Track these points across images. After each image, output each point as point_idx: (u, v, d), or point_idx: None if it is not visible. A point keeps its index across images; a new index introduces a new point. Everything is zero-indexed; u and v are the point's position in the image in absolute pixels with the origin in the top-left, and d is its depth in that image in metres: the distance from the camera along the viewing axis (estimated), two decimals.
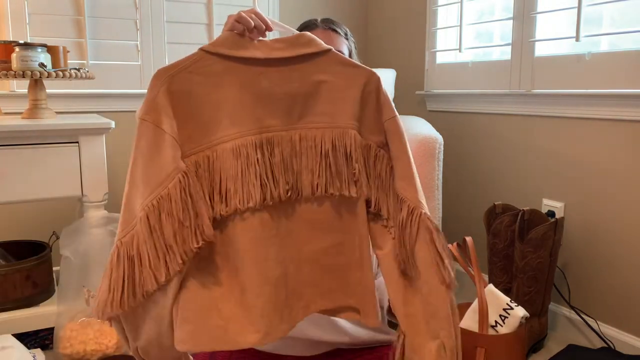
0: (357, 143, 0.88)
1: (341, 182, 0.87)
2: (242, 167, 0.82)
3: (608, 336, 1.70)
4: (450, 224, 2.31)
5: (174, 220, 0.77)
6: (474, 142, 2.17)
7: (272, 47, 0.86)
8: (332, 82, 0.88)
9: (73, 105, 2.11)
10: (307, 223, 0.89)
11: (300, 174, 0.87)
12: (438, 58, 2.33)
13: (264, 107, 0.85)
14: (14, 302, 1.61)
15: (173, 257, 0.77)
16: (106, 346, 1.56)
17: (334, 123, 0.88)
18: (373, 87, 0.89)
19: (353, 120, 0.88)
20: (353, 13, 2.69)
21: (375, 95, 0.89)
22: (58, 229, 1.74)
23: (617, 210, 1.67)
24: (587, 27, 1.70)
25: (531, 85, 1.89)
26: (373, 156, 0.89)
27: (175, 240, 0.77)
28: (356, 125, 0.88)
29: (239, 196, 0.82)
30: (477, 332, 1.37)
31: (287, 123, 0.87)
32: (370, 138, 0.89)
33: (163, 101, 0.80)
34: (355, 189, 0.87)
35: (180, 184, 0.78)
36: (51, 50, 1.65)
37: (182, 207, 0.78)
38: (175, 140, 0.79)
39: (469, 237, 1.49)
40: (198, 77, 0.83)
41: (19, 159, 1.53)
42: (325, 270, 0.90)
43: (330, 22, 1.25)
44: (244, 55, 0.84)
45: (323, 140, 0.87)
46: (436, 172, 1.66)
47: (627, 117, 1.61)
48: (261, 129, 0.85)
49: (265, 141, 0.85)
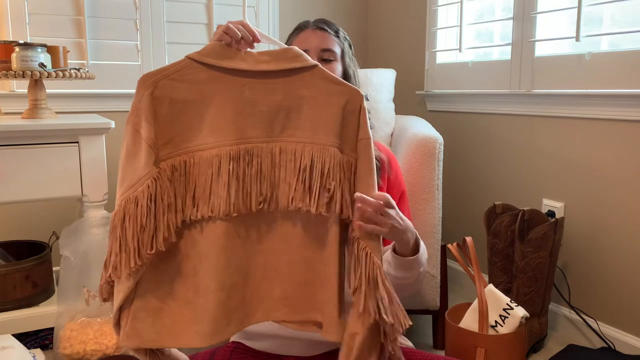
0: (335, 161, 0.88)
1: (311, 198, 0.87)
2: (212, 177, 0.85)
3: (608, 336, 1.70)
4: (450, 224, 2.31)
5: (136, 224, 0.81)
6: (474, 142, 2.17)
7: (258, 60, 0.87)
8: (315, 98, 0.89)
9: (73, 105, 2.11)
10: (281, 235, 0.90)
11: (278, 186, 0.88)
12: (438, 58, 2.33)
13: (246, 118, 0.87)
14: (14, 302, 1.61)
15: (131, 257, 0.80)
16: (106, 346, 1.56)
17: (315, 139, 0.88)
18: (356, 106, 0.90)
19: (334, 137, 0.88)
20: (353, 13, 2.69)
21: (357, 114, 0.90)
22: (58, 229, 1.74)
23: (617, 210, 1.67)
24: (587, 27, 1.70)
25: (531, 85, 1.89)
26: (354, 172, 0.90)
27: (134, 242, 0.80)
28: (337, 143, 0.89)
29: (206, 205, 0.85)
30: (477, 332, 1.37)
31: (269, 135, 0.88)
32: (352, 155, 0.90)
33: (145, 105, 0.82)
34: (325, 207, 0.87)
35: (148, 189, 0.81)
36: (51, 50, 1.65)
37: (145, 212, 0.81)
38: (149, 147, 0.82)
39: (469, 237, 1.49)
40: (182, 84, 0.85)
41: (19, 159, 1.53)
42: (293, 283, 0.91)
43: (322, 21, 1.24)
44: (229, 65, 0.86)
45: (302, 155, 0.88)
46: (436, 172, 1.66)
47: (627, 117, 1.61)
48: (240, 140, 0.86)
49: (244, 152, 0.86)
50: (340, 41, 1.23)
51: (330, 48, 1.21)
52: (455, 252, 1.51)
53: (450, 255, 1.71)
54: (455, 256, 1.51)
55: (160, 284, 0.86)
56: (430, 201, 1.65)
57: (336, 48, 1.22)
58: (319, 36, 1.20)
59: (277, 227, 0.90)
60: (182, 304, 0.86)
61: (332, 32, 1.22)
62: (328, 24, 1.23)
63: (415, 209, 1.65)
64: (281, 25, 2.45)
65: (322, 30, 1.21)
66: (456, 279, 2.24)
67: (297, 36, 1.22)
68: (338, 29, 1.24)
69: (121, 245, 0.81)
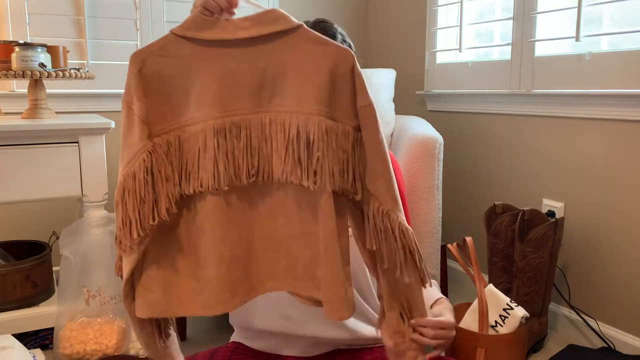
0: (322, 130, 0.82)
1: (302, 171, 0.83)
2: (200, 152, 0.84)
3: (608, 336, 1.70)
4: (450, 224, 2.31)
5: (135, 197, 0.82)
6: (474, 142, 2.17)
7: (238, 27, 0.83)
8: (300, 63, 0.83)
9: (73, 105, 2.11)
10: (280, 208, 0.87)
11: (271, 157, 0.85)
12: (438, 58, 2.33)
13: (231, 90, 0.84)
14: (14, 302, 1.61)
15: (133, 229, 0.81)
16: (106, 346, 1.56)
17: (301, 108, 0.83)
18: (347, 68, 0.83)
19: (320, 105, 0.82)
20: (353, 13, 2.69)
21: (349, 77, 0.84)
22: (58, 229, 1.74)
23: (617, 210, 1.67)
24: (587, 27, 1.70)
25: (531, 85, 1.89)
26: (352, 141, 0.84)
27: (135, 214, 0.81)
28: (325, 111, 0.83)
29: (195, 180, 0.84)
30: (477, 332, 1.37)
31: (257, 105, 0.85)
32: (347, 122, 0.84)
33: (135, 83, 0.83)
34: (313, 181, 0.82)
35: (144, 162, 0.82)
36: (51, 50, 1.65)
37: (143, 184, 0.82)
38: (142, 122, 0.82)
39: (469, 237, 1.49)
40: (168, 60, 0.84)
41: (19, 159, 1.53)
42: (296, 258, 0.89)
43: (321, 22, 1.21)
44: (210, 37, 0.84)
45: (291, 126, 0.83)
46: (436, 172, 1.66)
47: (627, 117, 1.61)
48: (226, 113, 0.84)
49: (230, 125, 0.84)
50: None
51: None
52: (455, 252, 1.51)
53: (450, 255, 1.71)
54: (455, 256, 1.51)
55: (168, 257, 0.87)
56: (430, 201, 1.65)
57: None
58: None
59: (275, 200, 0.87)
60: (188, 276, 0.87)
61: (330, 34, 1.20)
62: (328, 26, 1.21)
63: (415, 209, 1.65)
64: None
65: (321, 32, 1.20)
66: (456, 279, 2.24)
67: None
68: (335, 32, 1.22)
69: (124, 219, 0.82)
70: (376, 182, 0.85)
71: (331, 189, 0.83)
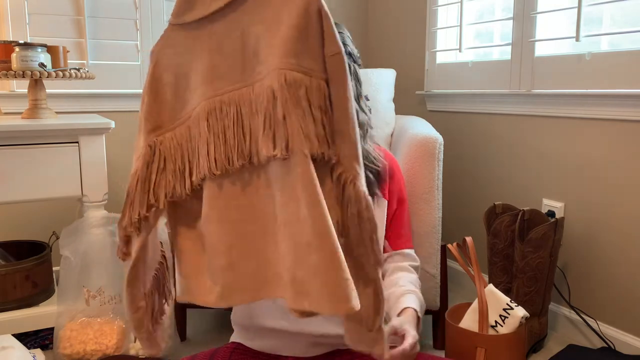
0: (282, 84, 0.72)
1: (269, 139, 0.73)
2: (199, 138, 0.80)
3: (608, 336, 1.70)
4: (450, 224, 2.31)
5: (141, 183, 0.83)
6: (474, 142, 2.17)
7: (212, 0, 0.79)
8: (268, 17, 0.76)
9: (73, 105, 2.11)
10: (273, 192, 0.77)
11: (257, 135, 0.76)
12: (438, 58, 2.33)
13: (218, 68, 0.79)
14: (14, 302, 1.61)
15: (134, 213, 0.83)
16: (106, 346, 1.56)
17: (271, 67, 0.74)
18: (313, 9, 0.73)
19: (287, 57, 0.72)
20: (353, 13, 2.69)
21: (317, 19, 0.73)
22: (58, 229, 1.74)
23: (617, 210, 1.67)
24: (587, 27, 1.70)
25: (531, 85, 1.89)
26: (324, 96, 0.74)
27: (139, 201, 0.83)
28: (292, 63, 0.72)
29: (195, 168, 0.81)
30: (477, 332, 1.37)
31: (244, 80, 0.78)
32: (320, 75, 0.74)
33: (150, 78, 0.85)
34: (282, 146, 0.72)
35: (144, 158, 0.83)
36: (51, 50, 1.65)
37: (145, 176, 0.83)
38: (149, 116, 0.84)
39: (469, 237, 1.49)
40: (170, 50, 0.85)
41: (19, 159, 1.53)
42: (295, 249, 0.76)
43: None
44: (192, 18, 0.81)
45: (266, 91, 0.74)
46: (436, 172, 1.66)
47: (627, 117, 1.61)
48: (216, 93, 0.79)
49: (219, 104, 0.78)
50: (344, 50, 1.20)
51: None
52: (455, 252, 1.51)
53: (450, 255, 1.71)
54: (455, 256, 1.51)
55: (194, 247, 0.87)
56: (430, 201, 1.65)
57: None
58: None
59: (270, 184, 0.77)
60: (203, 267, 0.86)
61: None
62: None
63: (415, 209, 1.65)
64: None
65: None
66: (456, 279, 2.24)
67: None
68: (344, 38, 1.19)
69: (127, 205, 0.84)
70: (343, 145, 0.74)
71: (309, 152, 0.72)
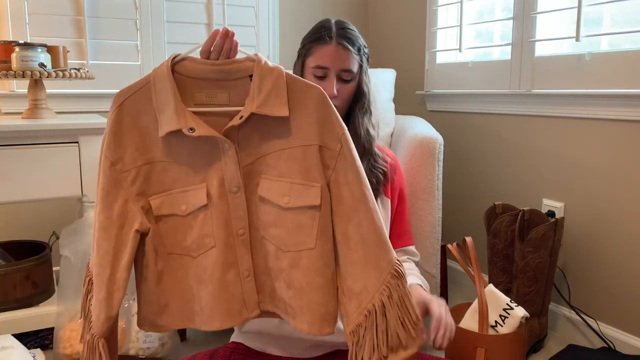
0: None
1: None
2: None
3: (608, 336, 1.70)
4: (450, 224, 2.31)
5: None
6: (474, 142, 2.17)
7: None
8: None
9: (73, 105, 2.11)
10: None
11: None
12: (438, 58, 2.33)
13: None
14: (14, 302, 1.61)
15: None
16: None
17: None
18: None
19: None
20: (353, 13, 2.69)
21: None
22: (58, 229, 1.74)
23: (617, 210, 1.67)
24: (587, 27, 1.70)
25: (531, 85, 1.89)
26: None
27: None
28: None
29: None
30: (477, 332, 1.37)
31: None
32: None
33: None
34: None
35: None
36: (51, 50, 1.65)
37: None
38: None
39: (469, 237, 1.49)
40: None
41: (19, 159, 1.53)
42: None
43: (345, 35, 1.18)
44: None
45: None
46: (436, 172, 1.66)
47: (627, 117, 1.61)
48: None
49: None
50: (360, 57, 1.19)
51: (350, 68, 1.17)
52: (455, 252, 1.51)
53: (450, 255, 1.71)
54: (455, 256, 1.51)
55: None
56: (430, 201, 1.65)
57: (355, 67, 1.18)
58: (342, 56, 1.16)
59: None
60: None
61: (355, 50, 1.18)
62: (352, 41, 1.18)
63: (415, 209, 1.65)
64: (281, 25, 2.45)
65: (346, 50, 1.16)
66: (456, 279, 2.24)
67: (318, 46, 1.17)
68: (360, 45, 1.20)
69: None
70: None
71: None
